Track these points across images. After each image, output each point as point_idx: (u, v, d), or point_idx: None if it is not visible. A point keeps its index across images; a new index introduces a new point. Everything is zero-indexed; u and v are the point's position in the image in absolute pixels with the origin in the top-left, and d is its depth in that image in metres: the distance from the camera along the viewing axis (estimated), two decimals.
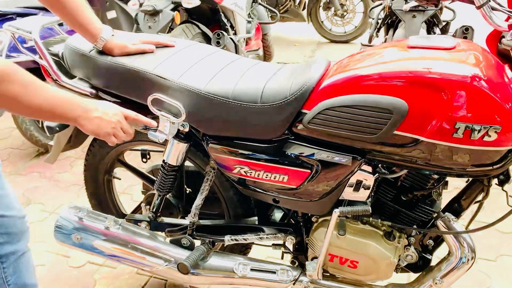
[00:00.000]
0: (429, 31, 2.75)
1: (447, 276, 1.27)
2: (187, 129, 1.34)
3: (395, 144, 1.11)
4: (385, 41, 3.16)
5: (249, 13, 3.80)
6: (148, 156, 1.88)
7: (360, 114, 1.10)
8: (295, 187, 1.28)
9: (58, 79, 1.41)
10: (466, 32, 2.41)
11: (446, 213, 1.28)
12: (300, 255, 1.48)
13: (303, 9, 5.56)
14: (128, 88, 1.33)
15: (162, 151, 1.95)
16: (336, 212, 1.24)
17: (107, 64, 1.34)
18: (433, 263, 1.36)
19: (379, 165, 1.22)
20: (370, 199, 1.31)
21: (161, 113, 1.29)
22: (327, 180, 1.23)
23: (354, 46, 5.34)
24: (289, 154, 1.24)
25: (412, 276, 1.40)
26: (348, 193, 1.27)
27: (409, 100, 1.05)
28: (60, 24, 1.61)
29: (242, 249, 1.67)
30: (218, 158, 1.33)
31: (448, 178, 1.26)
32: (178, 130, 1.35)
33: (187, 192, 1.71)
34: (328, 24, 5.44)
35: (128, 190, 2.64)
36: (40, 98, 1.03)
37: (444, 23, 2.77)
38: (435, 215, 1.27)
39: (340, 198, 1.28)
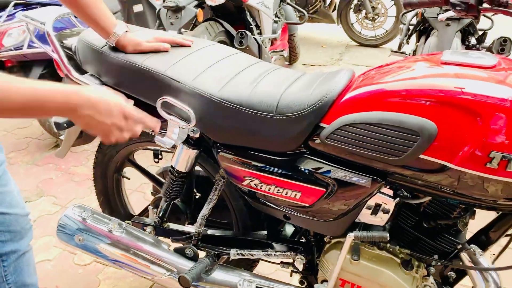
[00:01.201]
0: (464, 40, 2.60)
1: None
2: (197, 135, 1.26)
3: (420, 169, 1.00)
4: (415, 49, 3.03)
5: (276, 13, 3.71)
6: (160, 156, 1.82)
7: (383, 134, 1.00)
8: (308, 205, 1.19)
9: (69, 74, 1.36)
10: (504, 44, 2.26)
11: (472, 245, 1.17)
12: (310, 276, 1.39)
13: (333, 10, 5.42)
14: (138, 88, 1.27)
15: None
16: (351, 236, 1.15)
17: (118, 61, 1.28)
18: None
19: (401, 188, 1.12)
20: (388, 223, 1.21)
21: (170, 117, 1.21)
22: (343, 200, 1.14)
23: (383, 51, 5.18)
24: (303, 169, 1.16)
25: None
26: (365, 216, 1.17)
27: (439, 122, 0.94)
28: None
29: (249, 263, 1.59)
30: (228, 167, 1.25)
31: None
32: (188, 135, 1.28)
33: (197, 197, 1.64)
34: (358, 27, 5.29)
35: (141, 188, 2.59)
36: (17, 98, 0.87)
37: (480, 33, 2.61)
38: (459, 246, 1.16)
39: (356, 220, 1.18)
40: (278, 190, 1.20)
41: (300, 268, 1.38)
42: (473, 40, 2.64)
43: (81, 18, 1.29)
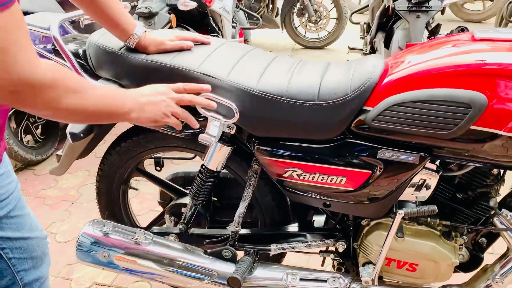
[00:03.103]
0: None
1: (507, 274, 1.25)
2: (233, 131, 1.24)
3: (469, 140, 1.07)
4: (372, 44, 3.19)
5: (233, 19, 3.73)
6: (162, 164, 1.76)
7: (434, 110, 1.05)
8: (352, 189, 1.21)
9: None
10: (461, 33, 2.45)
11: (503, 209, 1.25)
12: (347, 261, 1.41)
13: (276, 16, 5.56)
14: None
15: (176, 158, 1.85)
16: (401, 213, 1.19)
17: (143, 63, 1.22)
18: None
19: (447, 162, 1.18)
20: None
21: (210, 114, 1.18)
22: (389, 180, 1.18)
23: (328, 52, 5.39)
24: (348, 154, 1.18)
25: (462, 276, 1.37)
26: (408, 194, 1.22)
27: (488, 94, 1.02)
28: (72, 22, 1.47)
29: (277, 258, 1.58)
30: (267, 161, 1.25)
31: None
32: (223, 132, 1.25)
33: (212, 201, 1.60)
34: (302, 30, 5.46)
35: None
36: (93, 102, 0.93)
37: (434, 25, 2.82)
38: (492, 212, 1.25)
39: (399, 199, 1.23)
40: (323, 177, 1.22)
41: (342, 253, 1.39)
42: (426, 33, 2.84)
43: (98, 20, 1.22)
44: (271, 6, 5.48)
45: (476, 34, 1.11)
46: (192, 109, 1.22)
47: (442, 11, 2.46)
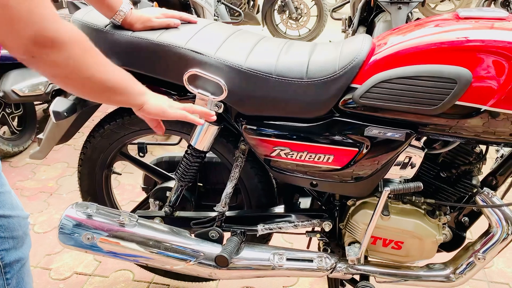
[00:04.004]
0: (407, 22, 2.83)
1: (489, 251, 1.28)
2: (221, 110, 1.23)
3: (453, 115, 1.09)
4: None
5: (214, 12, 3.72)
6: (145, 150, 1.74)
7: (420, 85, 1.07)
8: (339, 167, 1.22)
9: None
10: None
11: (485, 188, 1.28)
12: (333, 242, 1.42)
13: (257, 12, 5.57)
14: (156, 65, 1.21)
15: (160, 144, 1.82)
16: (387, 190, 1.20)
17: (129, 40, 1.20)
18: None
19: (431, 138, 1.20)
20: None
21: (198, 91, 1.17)
22: (375, 158, 1.19)
23: None
24: (335, 132, 1.19)
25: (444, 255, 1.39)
26: (393, 172, 1.24)
27: (474, 69, 1.04)
28: (55, 1, 1.44)
29: (262, 241, 1.58)
30: (254, 140, 1.24)
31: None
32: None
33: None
34: (283, 27, 5.49)
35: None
36: (110, 71, 0.95)
37: (414, 19, 2.87)
38: (475, 190, 1.28)
39: (385, 177, 1.24)
40: (310, 156, 1.22)
41: (328, 233, 1.40)
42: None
43: None
44: (252, 2, 5.49)
45: (460, 13, 1.13)
46: (180, 87, 1.21)
47: (423, 3, 2.52)
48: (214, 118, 1.15)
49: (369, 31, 2.92)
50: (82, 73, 0.87)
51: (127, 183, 2.53)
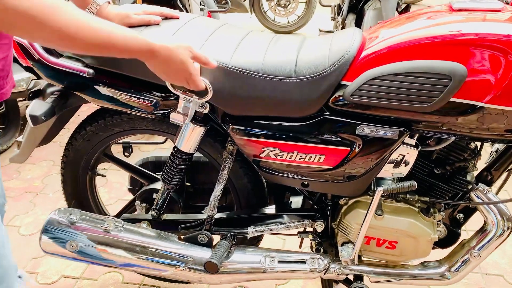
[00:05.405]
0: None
1: (484, 248, 1.25)
2: (206, 110, 1.18)
3: (448, 113, 1.05)
4: (343, 26, 3.17)
5: (201, 1, 3.63)
6: (130, 150, 1.69)
7: (413, 82, 1.03)
8: (331, 167, 1.18)
9: (42, 58, 1.18)
10: None
11: (480, 184, 1.25)
12: (326, 242, 1.39)
13: (244, 0, 5.46)
14: (135, 66, 1.14)
15: (146, 143, 1.77)
16: (380, 190, 1.16)
17: None
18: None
19: (425, 136, 1.16)
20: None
21: (181, 92, 1.12)
22: (368, 157, 1.15)
23: None
24: (326, 131, 1.14)
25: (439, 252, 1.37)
26: (387, 171, 1.20)
27: (468, 64, 0.99)
28: None
29: (254, 242, 1.54)
30: (242, 141, 1.20)
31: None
32: (195, 112, 1.19)
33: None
34: (271, 15, 5.40)
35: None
36: (94, 39, 0.86)
37: (403, 6, 2.82)
38: (470, 186, 1.24)
39: (378, 176, 1.20)
40: (301, 156, 1.18)
41: (320, 233, 1.37)
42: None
43: None
44: None
45: (454, 5, 1.09)
46: (163, 87, 1.16)
47: None
48: (215, 64, 1.06)
49: (359, 19, 2.86)
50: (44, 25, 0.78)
51: (115, 181, 2.47)
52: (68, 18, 0.81)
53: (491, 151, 1.32)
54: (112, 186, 2.43)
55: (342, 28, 3.19)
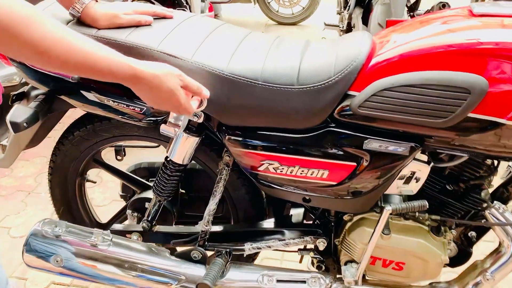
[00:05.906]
0: None
1: (499, 271, 1.16)
2: (201, 120, 1.09)
3: (465, 129, 0.95)
4: (349, 20, 3.06)
5: None
6: (123, 153, 1.60)
7: (428, 95, 0.93)
8: (335, 183, 1.09)
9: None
10: (442, 9, 2.34)
11: (495, 202, 1.16)
12: (327, 259, 1.30)
13: None
14: None
15: (139, 147, 1.68)
16: (388, 210, 1.07)
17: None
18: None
19: (439, 152, 1.07)
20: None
21: None
22: (376, 173, 1.06)
23: (302, 28, 5.23)
24: (330, 145, 1.05)
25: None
26: (396, 187, 1.11)
27: (490, 77, 0.90)
28: None
29: (251, 255, 1.46)
30: (239, 153, 1.10)
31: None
32: (189, 121, 1.10)
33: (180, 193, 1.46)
34: (275, 6, 5.27)
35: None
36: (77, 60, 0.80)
37: (413, 1, 2.70)
38: (484, 205, 1.15)
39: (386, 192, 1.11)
40: (302, 171, 1.09)
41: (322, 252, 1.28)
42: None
43: None
44: None
45: (474, 9, 0.98)
46: None
47: None
48: (207, 94, 0.99)
49: (366, 13, 2.74)
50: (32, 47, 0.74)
51: (110, 179, 2.38)
52: (43, 31, 0.74)
53: (508, 166, 1.23)
54: (107, 186, 2.35)
55: (348, 22, 3.07)
